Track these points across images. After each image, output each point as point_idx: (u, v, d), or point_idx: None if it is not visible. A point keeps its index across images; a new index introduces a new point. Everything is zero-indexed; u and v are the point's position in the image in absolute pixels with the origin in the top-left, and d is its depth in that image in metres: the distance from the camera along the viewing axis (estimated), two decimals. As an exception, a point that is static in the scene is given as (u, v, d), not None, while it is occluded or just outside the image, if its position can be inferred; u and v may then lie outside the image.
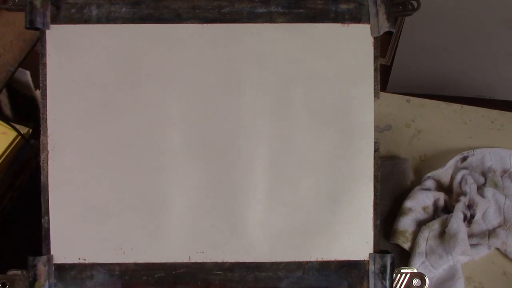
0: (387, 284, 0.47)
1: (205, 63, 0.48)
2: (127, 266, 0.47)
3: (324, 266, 0.47)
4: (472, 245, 0.59)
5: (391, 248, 0.60)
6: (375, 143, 0.48)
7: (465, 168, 0.64)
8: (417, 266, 0.58)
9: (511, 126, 0.69)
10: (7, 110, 0.65)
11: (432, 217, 0.61)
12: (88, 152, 0.47)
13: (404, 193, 0.63)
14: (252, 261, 0.47)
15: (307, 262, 0.47)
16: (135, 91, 0.47)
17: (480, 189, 0.62)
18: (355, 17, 0.48)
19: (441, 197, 0.62)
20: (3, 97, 0.63)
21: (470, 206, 0.60)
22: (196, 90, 0.48)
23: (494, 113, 0.70)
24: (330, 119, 0.48)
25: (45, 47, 0.47)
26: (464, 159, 0.65)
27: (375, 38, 0.48)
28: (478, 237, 0.60)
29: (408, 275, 0.48)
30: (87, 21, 0.47)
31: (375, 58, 0.48)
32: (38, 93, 0.63)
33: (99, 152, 0.47)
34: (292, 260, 0.47)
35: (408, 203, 0.61)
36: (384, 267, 0.47)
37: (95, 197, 0.47)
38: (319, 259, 0.47)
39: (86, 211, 0.47)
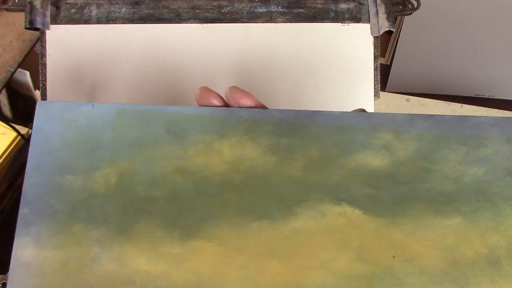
0: None
1: (205, 63, 0.48)
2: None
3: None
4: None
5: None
6: (375, 142, 0.48)
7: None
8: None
9: (510, 125, 0.69)
10: (7, 110, 0.65)
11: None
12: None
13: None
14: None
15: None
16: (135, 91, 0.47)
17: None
18: (355, 17, 0.48)
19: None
20: (3, 98, 0.63)
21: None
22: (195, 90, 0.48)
23: (494, 112, 0.70)
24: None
25: (45, 47, 0.47)
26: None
27: (375, 37, 0.48)
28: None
29: None
30: (87, 21, 0.47)
31: (375, 57, 0.48)
32: (37, 93, 0.63)
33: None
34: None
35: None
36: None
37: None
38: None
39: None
